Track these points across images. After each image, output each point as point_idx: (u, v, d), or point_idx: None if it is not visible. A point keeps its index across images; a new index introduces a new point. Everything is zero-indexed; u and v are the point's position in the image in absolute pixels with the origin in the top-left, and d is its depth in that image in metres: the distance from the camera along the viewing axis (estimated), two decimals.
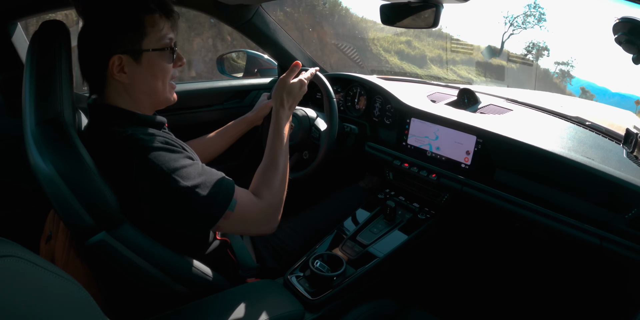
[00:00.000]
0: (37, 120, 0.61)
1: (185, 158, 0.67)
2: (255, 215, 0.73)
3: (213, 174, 0.69)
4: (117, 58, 0.66)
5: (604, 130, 1.01)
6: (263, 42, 1.36)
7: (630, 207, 0.77)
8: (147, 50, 0.68)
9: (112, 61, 0.66)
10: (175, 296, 0.74)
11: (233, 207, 0.68)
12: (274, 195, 0.76)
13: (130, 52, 0.67)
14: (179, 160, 0.65)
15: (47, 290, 0.36)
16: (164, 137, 0.68)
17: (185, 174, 0.64)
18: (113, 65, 0.66)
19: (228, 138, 1.12)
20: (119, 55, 0.66)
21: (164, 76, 0.72)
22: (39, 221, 0.81)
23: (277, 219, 0.77)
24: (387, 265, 0.99)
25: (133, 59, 0.68)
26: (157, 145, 0.65)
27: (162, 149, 0.65)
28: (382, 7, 0.92)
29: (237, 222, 0.70)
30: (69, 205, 0.59)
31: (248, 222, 0.73)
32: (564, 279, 1.11)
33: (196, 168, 0.67)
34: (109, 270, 0.68)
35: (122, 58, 0.67)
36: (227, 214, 0.67)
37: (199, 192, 0.64)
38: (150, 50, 0.68)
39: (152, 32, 0.68)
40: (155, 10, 0.67)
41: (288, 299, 0.79)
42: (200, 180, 0.65)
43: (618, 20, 0.67)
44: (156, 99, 0.74)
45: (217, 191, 0.66)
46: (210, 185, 0.66)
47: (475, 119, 1.03)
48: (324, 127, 1.16)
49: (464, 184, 1.02)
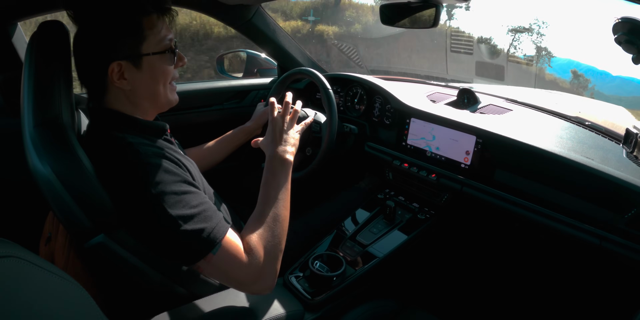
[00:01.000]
0: (35, 122, 0.61)
1: (182, 183, 0.62)
2: (239, 270, 0.62)
3: (207, 209, 0.62)
4: (116, 65, 0.64)
5: (603, 130, 1.02)
6: (263, 42, 1.36)
7: (629, 207, 0.77)
8: (147, 54, 0.66)
9: (111, 68, 0.64)
10: (174, 297, 0.74)
11: (216, 250, 0.60)
12: (265, 252, 0.65)
13: (130, 57, 0.64)
14: (174, 185, 0.61)
15: (46, 290, 0.36)
16: (163, 152, 0.65)
17: (174, 202, 0.59)
18: (112, 72, 0.64)
19: (227, 148, 1.11)
20: (118, 62, 0.64)
21: (165, 79, 0.70)
22: (38, 222, 0.81)
23: (271, 279, 0.65)
24: (386, 265, 0.99)
25: (133, 64, 0.65)
26: (156, 162, 0.62)
27: (160, 168, 0.61)
28: (382, 7, 0.92)
29: (219, 271, 0.62)
30: (67, 208, 0.59)
31: (231, 276, 0.63)
32: (564, 278, 1.11)
33: (191, 198, 0.61)
34: (109, 271, 0.68)
35: (121, 64, 0.64)
36: (209, 257, 0.60)
37: (183, 224, 0.58)
38: (151, 54, 0.66)
39: (151, 35, 0.65)
40: (152, 11, 0.64)
41: (288, 299, 0.79)
42: (189, 212, 0.60)
43: (618, 20, 0.67)
44: (158, 102, 0.72)
45: (203, 228, 0.60)
46: (200, 220, 0.60)
47: (475, 119, 1.04)
48: (324, 120, 1.16)
49: (463, 184, 1.02)
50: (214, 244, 0.60)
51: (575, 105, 2.03)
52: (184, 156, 0.74)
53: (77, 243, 0.66)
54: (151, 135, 0.71)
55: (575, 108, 1.13)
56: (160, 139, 0.73)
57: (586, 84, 7.57)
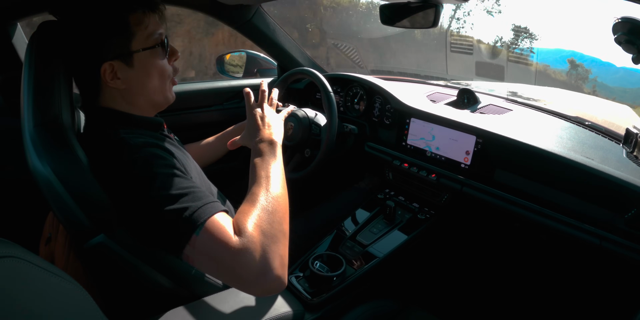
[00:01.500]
0: (35, 122, 0.61)
1: (170, 167, 0.60)
2: (227, 254, 0.52)
3: (197, 192, 0.57)
4: (108, 65, 0.63)
5: (603, 130, 1.02)
6: (263, 42, 1.36)
7: (629, 207, 0.77)
8: (137, 51, 0.65)
9: (103, 69, 0.63)
10: (174, 297, 0.74)
11: (199, 231, 0.53)
12: (261, 231, 0.55)
13: (121, 56, 0.64)
14: (162, 168, 0.59)
15: (46, 290, 0.36)
16: (155, 142, 0.64)
17: (161, 183, 0.56)
18: (105, 73, 0.64)
19: (226, 144, 1.10)
20: (109, 62, 0.63)
21: (160, 74, 0.69)
22: (38, 222, 0.81)
23: (276, 268, 0.53)
24: (386, 265, 0.99)
25: (125, 63, 0.65)
26: (146, 150, 0.61)
27: (149, 154, 0.60)
28: (382, 7, 0.92)
29: (206, 257, 0.53)
30: (66, 208, 0.59)
31: (221, 263, 0.52)
32: (564, 278, 1.11)
33: (179, 181, 0.58)
34: (109, 272, 0.68)
35: (113, 65, 0.64)
36: (192, 240, 0.53)
37: (167, 204, 0.54)
38: (141, 51, 0.65)
39: (138, 31, 0.65)
40: (137, 8, 0.64)
41: (288, 299, 0.79)
42: (175, 193, 0.55)
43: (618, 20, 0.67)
44: (155, 99, 0.71)
45: (187, 207, 0.54)
46: (185, 201, 0.55)
47: (475, 119, 1.04)
48: (324, 122, 1.16)
49: (463, 184, 1.02)
50: (196, 223, 0.53)
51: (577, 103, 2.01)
52: (180, 150, 0.73)
53: (77, 243, 0.66)
54: (146, 129, 0.71)
55: (576, 106, 1.13)
56: (156, 133, 0.72)
57: (587, 75, 7.20)
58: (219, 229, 0.54)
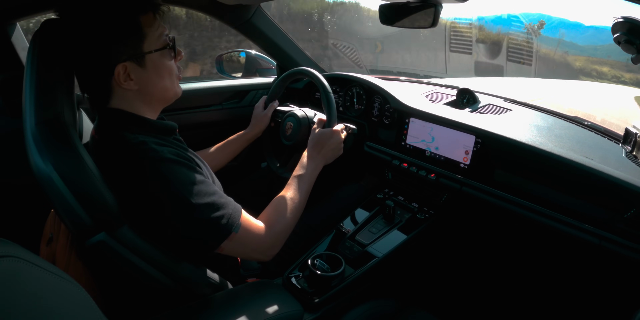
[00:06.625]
0: (37, 121, 0.61)
1: (197, 174, 0.66)
2: (259, 241, 0.72)
3: (222, 196, 0.69)
4: (121, 67, 0.64)
5: (602, 130, 1.02)
6: (262, 42, 1.36)
7: (629, 206, 0.77)
8: (149, 52, 0.66)
9: (117, 71, 0.64)
10: (174, 296, 0.74)
11: (237, 229, 0.68)
12: (283, 226, 0.77)
13: (134, 58, 0.65)
14: (191, 176, 0.65)
15: (46, 290, 0.36)
16: (175, 150, 0.67)
17: (197, 192, 0.64)
18: (119, 75, 0.64)
19: (227, 154, 1.13)
20: (123, 63, 0.64)
21: (169, 74, 0.71)
22: (39, 222, 0.81)
23: (278, 248, 0.77)
24: (386, 265, 0.99)
25: (138, 64, 0.66)
26: (169, 157, 0.64)
27: (174, 162, 0.64)
28: (381, 7, 0.92)
29: (238, 245, 0.70)
30: (68, 205, 0.59)
31: (249, 247, 0.72)
32: (563, 278, 1.12)
33: (207, 186, 0.66)
34: (109, 270, 0.68)
35: (126, 66, 0.65)
36: (232, 236, 0.67)
37: (208, 211, 0.64)
38: (153, 52, 0.67)
39: (150, 33, 0.66)
40: (148, 9, 0.66)
41: (287, 299, 0.79)
42: (209, 200, 0.65)
43: (617, 20, 0.68)
44: (167, 96, 0.74)
45: (224, 213, 0.66)
46: (219, 206, 0.66)
47: (474, 118, 1.04)
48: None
49: (463, 184, 1.02)
50: (234, 223, 0.67)
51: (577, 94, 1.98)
52: (194, 154, 0.77)
53: (78, 241, 0.66)
54: (162, 134, 0.72)
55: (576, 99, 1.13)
56: (170, 138, 0.74)
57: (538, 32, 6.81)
58: (252, 224, 0.72)
